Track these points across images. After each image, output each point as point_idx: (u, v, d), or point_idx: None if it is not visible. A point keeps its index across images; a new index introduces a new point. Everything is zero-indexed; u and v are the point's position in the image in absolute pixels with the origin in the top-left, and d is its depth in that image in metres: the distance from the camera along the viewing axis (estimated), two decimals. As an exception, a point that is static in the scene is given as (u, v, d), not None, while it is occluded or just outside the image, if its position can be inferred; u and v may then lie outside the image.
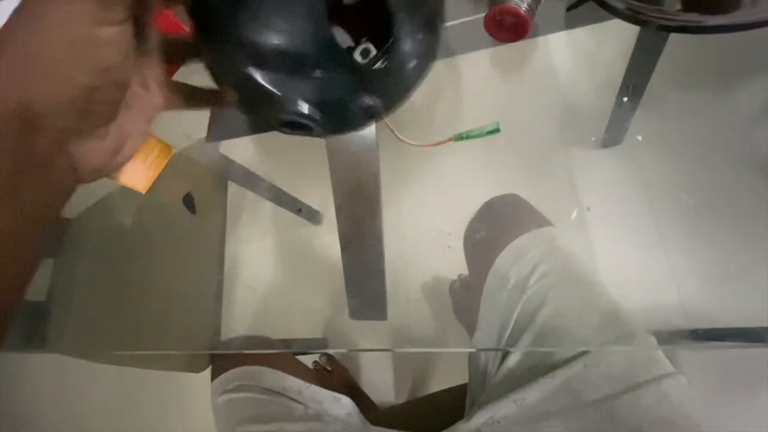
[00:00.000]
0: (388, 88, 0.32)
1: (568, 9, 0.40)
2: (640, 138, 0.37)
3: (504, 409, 0.33)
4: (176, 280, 0.52)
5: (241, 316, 0.50)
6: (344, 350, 0.44)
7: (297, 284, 0.50)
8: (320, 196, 0.51)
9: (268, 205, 0.54)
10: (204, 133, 0.53)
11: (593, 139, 0.40)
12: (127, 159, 0.24)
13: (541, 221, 0.39)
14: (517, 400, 0.33)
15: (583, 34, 0.42)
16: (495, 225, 0.41)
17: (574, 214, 0.38)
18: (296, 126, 0.33)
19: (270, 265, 0.52)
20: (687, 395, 0.31)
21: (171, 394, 1.00)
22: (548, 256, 0.37)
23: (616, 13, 0.35)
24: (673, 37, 0.38)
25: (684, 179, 0.36)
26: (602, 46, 0.42)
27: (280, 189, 0.54)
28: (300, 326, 0.47)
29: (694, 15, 0.32)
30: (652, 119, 0.39)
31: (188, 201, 0.53)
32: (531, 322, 0.34)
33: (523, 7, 0.36)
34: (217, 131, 0.54)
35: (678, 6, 0.32)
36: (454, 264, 0.41)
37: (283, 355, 0.50)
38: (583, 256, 0.37)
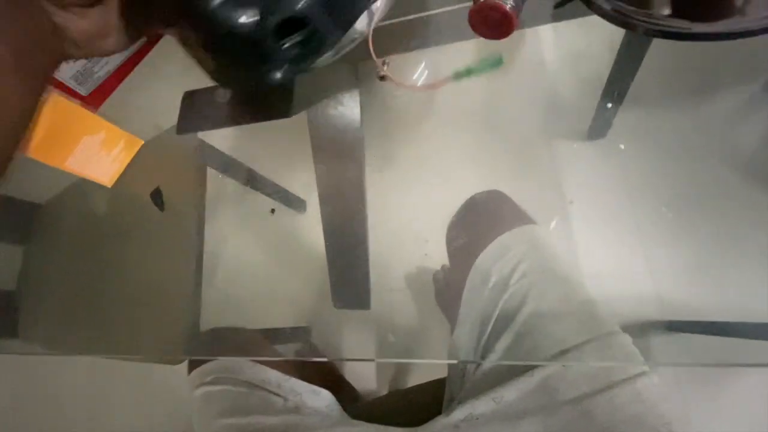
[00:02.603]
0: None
1: (555, 6, 0.39)
2: (622, 146, 0.37)
3: (483, 406, 0.34)
4: (153, 269, 0.51)
5: (222, 305, 0.49)
6: (324, 359, 0.44)
7: (279, 273, 0.49)
8: (304, 184, 0.50)
9: (249, 192, 0.53)
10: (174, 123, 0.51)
11: (577, 132, 0.40)
12: (108, 52, 0.26)
13: (524, 219, 0.39)
14: (495, 398, 0.33)
15: (570, 27, 0.42)
16: (477, 222, 0.41)
17: (553, 224, 0.38)
18: (290, 30, 0.30)
19: (252, 253, 0.51)
20: (660, 394, 0.32)
21: (148, 383, 0.98)
22: (530, 255, 0.37)
23: (602, 14, 0.34)
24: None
25: (664, 174, 0.37)
26: (590, 40, 0.42)
27: (262, 176, 0.53)
28: (283, 315, 0.47)
29: (681, 21, 0.31)
30: (636, 114, 0.39)
31: (156, 197, 0.51)
32: (512, 320, 0.35)
33: (509, 3, 0.34)
34: (188, 122, 0.52)
35: (665, 11, 0.32)
36: (437, 254, 0.41)
37: (262, 345, 0.50)
38: (564, 250, 0.37)
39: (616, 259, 0.36)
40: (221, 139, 0.54)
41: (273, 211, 0.49)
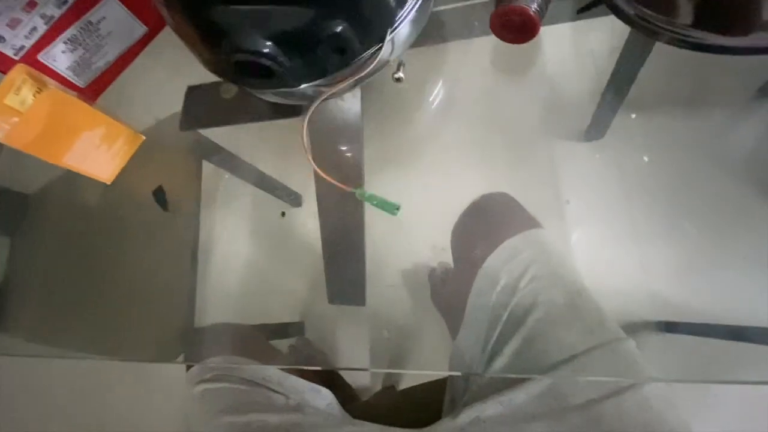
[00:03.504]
0: (367, 16, 0.29)
1: (578, 12, 0.39)
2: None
3: (490, 409, 0.34)
4: (146, 263, 0.50)
5: (217, 300, 0.48)
6: (317, 367, 0.44)
7: (274, 267, 0.49)
8: (300, 178, 0.49)
9: (245, 186, 0.53)
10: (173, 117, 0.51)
11: (575, 133, 0.40)
12: None
13: (532, 222, 0.39)
14: (503, 402, 0.33)
15: (572, 29, 0.42)
16: (485, 224, 0.40)
17: (558, 226, 0.38)
18: (254, 71, 0.29)
19: (247, 248, 0.50)
20: (667, 400, 0.32)
21: (144, 380, 0.98)
22: (539, 259, 0.37)
23: (628, 21, 0.34)
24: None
25: (660, 176, 0.37)
26: (591, 41, 0.42)
27: (258, 169, 0.52)
28: (277, 310, 0.46)
29: (705, 33, 0.31)
30: (634, 117, 0.40)
31: (159, 195, 0.50)
32: (521, 325, 0.35)
33: (533, 7, 0.33)
34: (192, 119, 0.51)
35: (690, 22, 0.31)
36: (435, 252, 0.41)
37: (260, 342, 0.49)
38: (563, 250, 0.38)
39: (611, 259, 0.36)
40: (218, 132, 0.54)
41: (283, 214, 0.48)
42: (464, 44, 0.45)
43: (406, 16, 0.33)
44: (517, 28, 0.35)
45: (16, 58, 0.42)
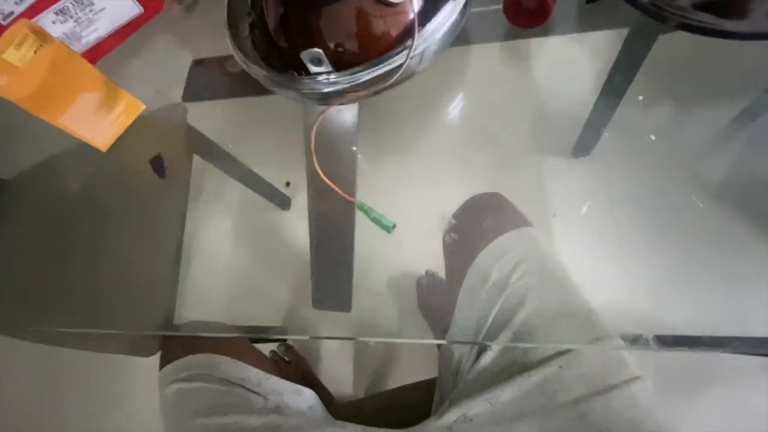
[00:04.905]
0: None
1: (588, 1, 0.39)
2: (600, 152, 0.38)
3: (477, 407, 0.33)
4: (128, 254, 0.49)
5: (198, 298, 0.47)
6: (306, 337, 0.43)
7: (259, 269, 0.48)
8: (291, 180, 0.49)
9: (234, 185, 0.52)
10: (178, 93, 0.50)
11: (563, 148, 0.41)
12: None
13: (523, 221, 0.39)
14: (491, 399, 0.33)
15: (564, 48, 0.44)
16: (477, 222, 0.40)
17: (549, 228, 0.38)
18: None
19: (232, 247, 0.50)
20: (654, 399, 0.32)
21: (112, 378, 0.95)
22: (529, 256, 0.37)
23: (640, 6, 0.35)
24: (648, 61, 0.40)
25: (645, 194, 0.38)
26: (581, 62, 0.43)
27: (249, 169, 0.52)
28: (259, 313, 0.46)
29: (712, 17, 0.32)
30: (620, 135, 0.41)
31: (157, 164, 0.48)
32: (510, 320, 0.34)
33: None
34: (193, 91, 0.50)
35: (698, 5, 0.32)
36: (422, 259, 0.41)
37: (241, 343, 0.48)
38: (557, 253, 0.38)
39: (595, 273, 0.37)
40: (210, 128, 0.53)
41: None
42: (460, 58, 0.46)
43: (439, 29, 0.34)
44: (530, 11, 0.36)
45: (4, 23, 0.41)
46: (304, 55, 0.34)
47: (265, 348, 0.74)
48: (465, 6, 0.35)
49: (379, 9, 0.35)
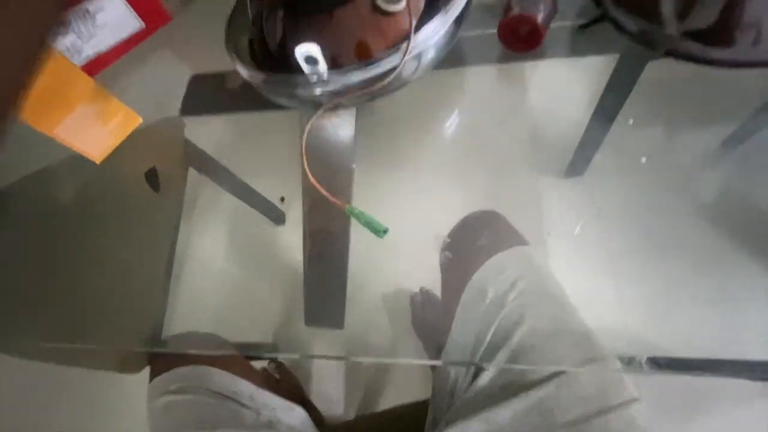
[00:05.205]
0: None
1: (580, 27, 0.41)
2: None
3: (474, 426, 0.33)
4: (119, 266, 0.49)
5: (187, 312, 0.47)
6: (296, 356, 0.42)
7: (251, 284, 0.48)
8: (285, 196, 0.49)
9: (229, 198, 0.52)
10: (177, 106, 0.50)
11: (557, 169, 0.42)
12: None
13: (519, 239, 0.39)
14: (488, 419, 0.32)
15: (557, 70, 0.45)
16: (473, 240, 0.41)
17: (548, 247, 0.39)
18: None
19: (224, 260, 0.49)
20: (651, 421, 0.32)
21: (99, 391, 0.92)
22: (527, 274, 0.37)
23: (629, 34, 0.36)
24: (639, 83, 0.41)
25: (637, 214, 0.39)
26: (574, 83, 0.44)
27: (244, 182, 0.52)
28: (250, 328, 0.45)
29: (699, 45, 0.33)
30: (612, 156, 0.42)
31: (152, 177, 0.48)
32: (508, 339, 0.34)
33: (540, 17, 0.36)
34: (192, 105, 0.51)
35: (685, 33, 0.34)
36: (416, 276, 0.41)
37: (233, 356, 0.47)
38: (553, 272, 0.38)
39: (589, 291, 0.37)
40: (206, 142, 0.53)
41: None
42: (456, 78, 0.47)
43: (432, 36, 0.35)
44: (523, 37, 0.37)
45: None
46: (299, 52, 0.33)
47: (256, 364, 0.73)
48: (459, 17, 0.36)
49: (376, 17, 0.36)
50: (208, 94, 0.51)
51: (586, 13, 0.40)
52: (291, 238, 0.47)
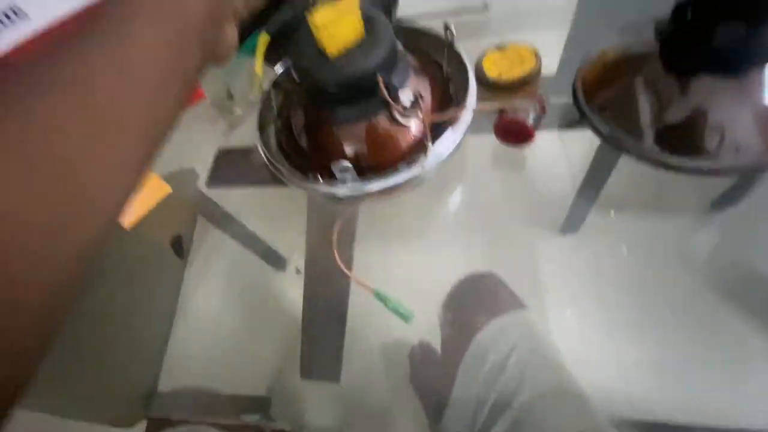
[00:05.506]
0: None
1: (564, 126, 0.45)
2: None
3: None
4: (120, 316, 0.49)
5: (185, 361, 0.46)
6: (288, 429, 0.41)
7: (249, 332, 0.47)
8: (288, 242, 0.50)
9: (229, 242, 0.53)
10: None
11: (553, 226, 0.43)
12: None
13: (518, 303, 0.40)
14: None
15: (550, 139, 0.48)
16: (473, 302, 0.42)
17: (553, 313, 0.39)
18: None
19: (223, 308, 0.49)
20: None
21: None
22: (526, 339, 0.38)
23: (602, 137, 0.40)
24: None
25: (633, 273, 0.39)
26: (569, 145, 0.47)
27: (246, 228, 0.53)
28: (245, 380, 0.44)
29: (666, 155, 0.37)
30: (605, 215, 0.43)
31: (177, 244, 0.50)
32: (508, 406, 0.34)
33: (530, 120, 0.40)
34: (218, 177, 0.55)
35: (655, 143, 0.37)
36: (416, 328, 0.40)
37: (225, 412, 0.46)
38: (552, 337, 0.38)
39: (585, 353, 0.37)
40: (216, 193, 0.55)
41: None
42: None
43: (447, 149, 0.40)
44: (516, 136, 0.42)
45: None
46: (335, 167, 0.39)
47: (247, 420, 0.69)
48: (465, 131, 0.42)
49: (394, 128, 0.41)
50: (233, 168, 0.55)
51: (570, 113, 0.45)
52: (290, 286, 0.47)
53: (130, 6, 0.22)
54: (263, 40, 0.40)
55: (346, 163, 0.39)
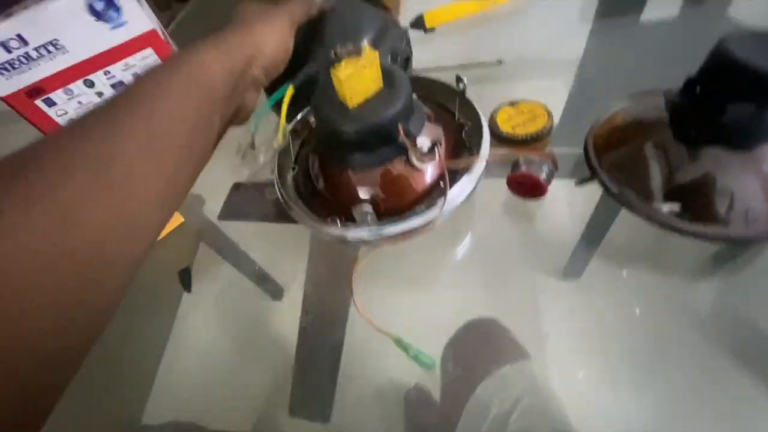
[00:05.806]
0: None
1: (576, 184, 0.46)
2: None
3: None
4: (112, 343, 0.48)
5: (173, 392, 0.44)
6: None
7: (240, 365, 0.46)
8: (286, 272, 0.50)
9: (226, 267, 0.53)
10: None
11: (555, 271, 0.43)
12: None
13: (522, 352, 0.40)
14: None
15: (556, 191, 0.49)
16: (474, 350, 0.41)
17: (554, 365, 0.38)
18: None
19: (216, 338, 0.48)
20: None
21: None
22: (529, 392, 0.37)
23: (614, 197, 0.41)
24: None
25: (635, 321, 0.39)
26: (573, 193, 0.48)
27: (246, 254, 0.53)
28: (232, 415, 0.42)
29: (672, 218, 0.37)
30: (608, 261, 0.43)
31: (185, 276, 0.51)
32: None
33: (542, 176, 0.41)
34: (230, 211, 0.56)
35: (663, 206, 0.38)
36: (412, 370, 0.39)
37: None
38: (555, 389, 0.37)
39: (587, 403, 0.35)
40: (207, 209, 0.56)
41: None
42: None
43: (462, 195, 0.41)
44: (529, 190, 0.43)
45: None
46: (357, 211, 0.40)
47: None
48: (479, 178, 0.42)
49: (411, 173, 0.42)
50: (247, 202, 0.56)
51: (582, 170, 0.46)
52: (286, 316, 0.46)
53: (159, 87, 0.24)
54: (289, 92, 0.43)
55: (368, 207, 0.40)
